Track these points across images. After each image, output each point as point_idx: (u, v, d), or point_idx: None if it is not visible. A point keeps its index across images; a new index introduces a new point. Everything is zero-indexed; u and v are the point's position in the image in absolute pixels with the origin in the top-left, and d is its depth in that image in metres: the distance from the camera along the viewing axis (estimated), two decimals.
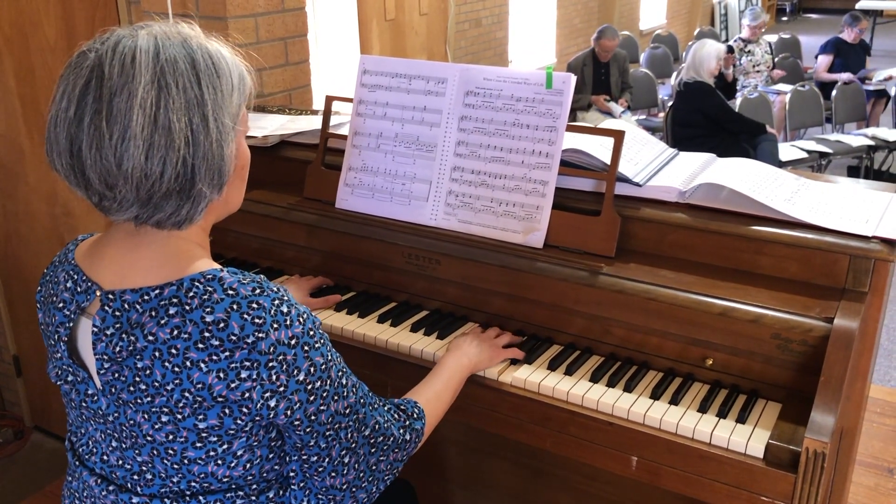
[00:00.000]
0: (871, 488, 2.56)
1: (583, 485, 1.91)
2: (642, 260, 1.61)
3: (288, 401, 1.06)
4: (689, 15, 12.78)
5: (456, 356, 1.53)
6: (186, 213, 1.06)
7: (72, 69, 1.02)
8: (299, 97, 2.59)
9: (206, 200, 1.06)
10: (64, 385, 1.17)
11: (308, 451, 1.13)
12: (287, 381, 1.05)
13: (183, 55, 1.03)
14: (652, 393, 1.47)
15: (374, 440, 1.21)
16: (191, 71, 1.02)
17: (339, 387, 1.13)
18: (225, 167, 1.06)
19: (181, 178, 1.02)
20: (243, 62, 1.12)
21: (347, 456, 1.17)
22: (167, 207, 1.04)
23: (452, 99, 1.78)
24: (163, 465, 1.10)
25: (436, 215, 1.78)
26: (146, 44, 1.02)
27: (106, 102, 0.99)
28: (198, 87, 1.02)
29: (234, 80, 1.08)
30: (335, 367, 1.13)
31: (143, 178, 1.00)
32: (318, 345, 1.10)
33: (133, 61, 1.00)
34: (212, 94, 1.03)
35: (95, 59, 1.01)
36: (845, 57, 7.30)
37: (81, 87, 1.00)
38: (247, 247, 2.02)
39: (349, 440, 1.16)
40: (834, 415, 1.28)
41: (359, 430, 1.17)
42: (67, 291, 1.13)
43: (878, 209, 1.55)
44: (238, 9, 2.29)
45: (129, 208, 1.03)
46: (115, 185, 1.00)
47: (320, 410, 1.10)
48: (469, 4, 7.09)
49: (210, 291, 1.04)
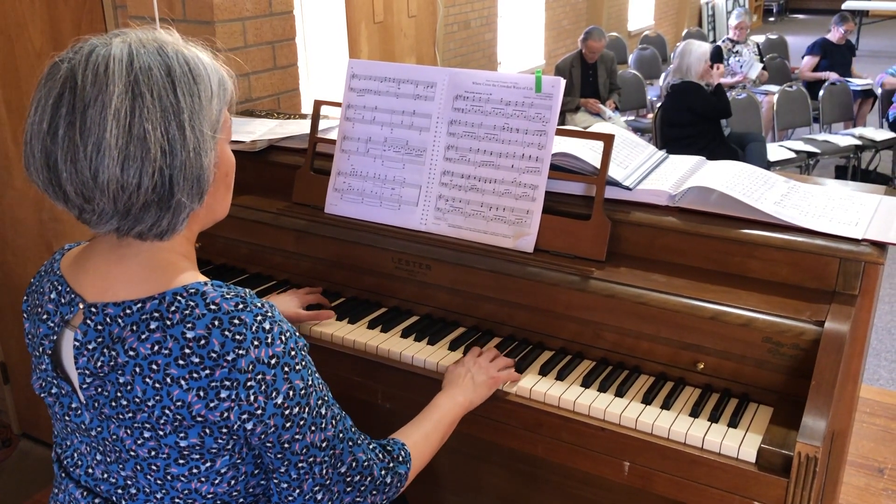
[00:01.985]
0: (862, 488, 2.56)
1: (576, 490, 1.90)
2: (633, 264, 1.61)
3: (264, 425, 1.03)
4: (677, 16, 12.82)
5: (450, 395, 1.44)
6: (168, 224, 1.04)
7: (45, 80, 1.00)
8: (287, 101, 2.58)
9: (186, 210, 1.04)
10: (48, 397, 1.15)
11: (279, 476, 1.09)
12: (265, 403, 1.02)
13: (158, 63, 1.00)
14: (644, 397, 1.47)
15: (351, 479, 1.14)
16: (166, 79, 1.00)
17: (317, 416, 1.08)
18: (204, 176, 1.04)
19: (159, 189, 0.99)
20: (223, 67, 1.10)
21: (321, 493, 1.11)
22: (147, 219, 1.02)
23: (442, 103, 1.77)
24: (146, 481, 1.08)
25: (426, 220, 1.77)
26: (120, 52, 0.99)
27: (80, 114, 0.97)
28: (174, 94, 1.00)
29: (214, 87, 1.05)
30: (315, 393, 1.09)
31: (120, 189, 0.98)
32: (300, 367, 1.06)
33: (106, 71, 0.97)
34: (189, 102, 1.01)
35: (68, 69, 0.99)
36: (831, 57, 7.37)
37: (55, 98, 0.98)
38: (235, 253, 2.00)
39: (323, 476, 1.11)
40: (825, 419, 1.28)
41: (334, 466, 1.12)
42: (52, 303, 1.11)
43: (868, 211, 1.56)
44: (225, 13, 2.27)
45: (108, 220, 1.02)
46: (92, 197, 0.99)
47: (294, 439, 1.06)
48: (458, 7, 7.09)
49: (192, 306, 1.02)
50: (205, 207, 1.09)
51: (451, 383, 1.48)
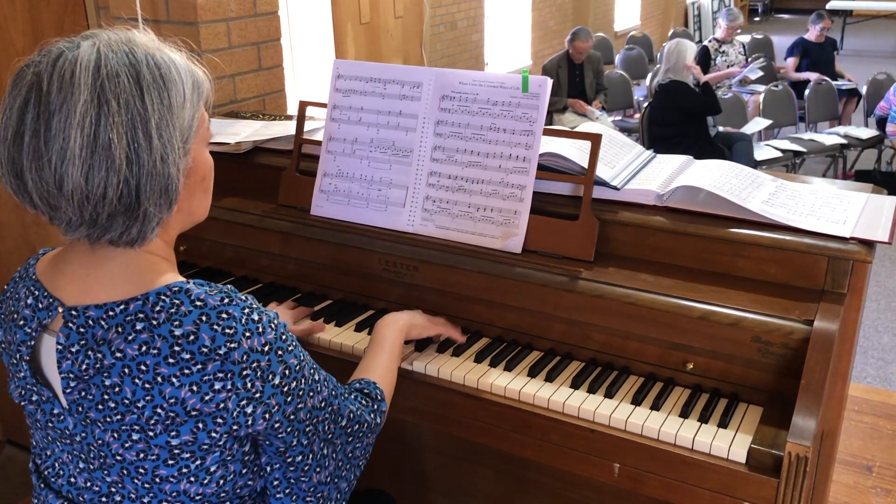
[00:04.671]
0: (851, 486, 2.57)
1: (565, 492, 1.89)
2: (621, 264, 1.60)
3: (265, 405, 1.05)
4: (663, 16, 12.86)
5: (390, 323, 1.53)
6: (137, 233, 1.02)
7: (12, 86, 0.99)
8: (273, 102, 2.56)
9: (155, 220, 1.02)
10: (28, 405, 1.13)
11: (292, 451, 1.12)
12: (263, 386, 1.04)
13: (126, 68, 0.98)
14: (633, 398, 1.46)
15: (350, 429, 1.22)
16: (134, 85, 0.97)
17: (312, 383, 1.13)
18: (172, 185, 1.01)
19: (125, 199, 0.98)
20: (199, 67, 1.08)
21: (326, 448, 1.17)
22: (115, 227, 1.01)
23: (428, 103, 1.76)
24: (133, 485, 1.07)
25: (413, 221, 1.76)
26: (87, 57, 0.97)
27: (45, 122, 0.95)
28: (141, 101, 0.97)
29: (187, 90, 1.03)
30: (307, 365, 1.13)
31: (85, 199, 0.96)
32: (291, 347, 1.09)
33: (72, 77, 0.96)
34: (157, 108, 0.98)
35: (34, 76, 0.97)
36: (812, 56, 7.43)
37: (20, 105, 0.97)
38: (220, 256, 1.98)
39: (327, 432, 1.17)
40: (815, 418, 1.27)
41: (335, 420, 1.18)
42: (28, 308, 1.10)
43: (855, 210, 1.55)
44: (209, 13, 2.25)
45: (77, 228, 1.01)
46: (58, 206, 0.98)
47: (298, 409, 1.10)
48: (444, 7, 7.08)
49: (177, 304, 1.02)
50: (182, 212, 1.09)
51: (389, 317, 1.56)
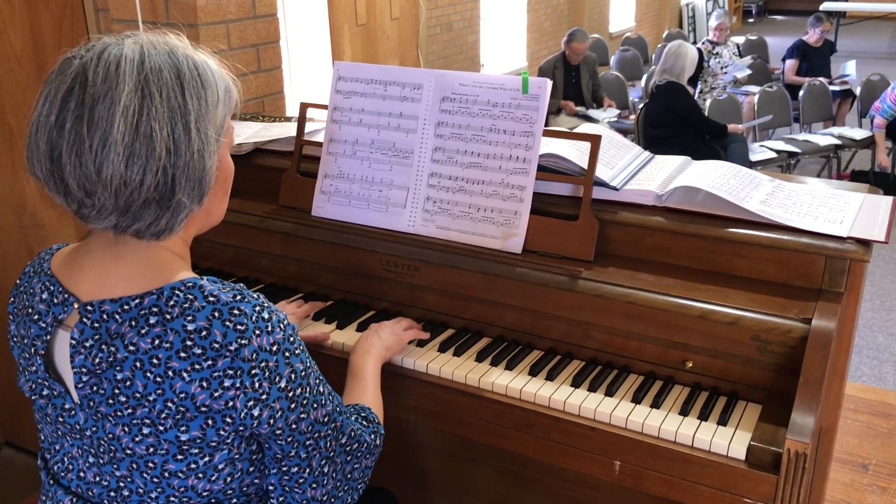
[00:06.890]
0: (847, 484, 2.58)
1: (566, 490, 1.91)
2: (621, 264, 1.62)
3: (270, 409, 1.06)
4: (658, 17, 12.90)
5: (365, 354, 1.53)
6: (166, 224, 1.05)
7: (55, 75, 1.02)
8: (272, 104, 2.56)
9: (185, 211, 1.06)
10: (39, 400, 1.14)
11: (289, 461, 1.12)
12: (269, 388, 1.05)
13: (168, 65, 1.03)
14: (633, 397, 1.47)
15: (350, 448, 1.22)
16: (175, 81, 1.02)
17: (317, 394, 1.14)
18: (206, 178, 1.06)
19: (161, 187, 1.01)
20: (230, 75, 1.13)
21: (327, 465, 1.17)
22: (146, 216, 1.03)
23: (428, 105, 1.77)
24: (142, 480, 1.08)
25: (413, 222, 1.77)
26: (132, 52, 1.02)
27: (88, 109, 0.98)
28: (182, 96, 1.02)
29: (220, 92, 1.08)
30: (313, 373, 1.14)
31: (123, 185, 0.99)
32: (298, 351, 1.10)
33: (117, 69, 1.00)
34: (195, 105, 1.03)
35: (79, 65, 1.01)
36: (810, 59, 7.44)
37: (64, 93, 1.00)
38: (222, 256, 1.99)
39: (328, 449, 1.17)
40: (814, 415, 1.29)
41: (336, 438, 1.18)
42: (43, 303, 1.11)
43: (852, 209, 1.57)
44: (209, 15, 2.26)
45: (108, 216, 1.02)
46: (94, 192, 1.00)
47: (301, 419, 1.10)
48: (440, 9, 7.09)
49: (191, 299, 1.04)
50: (203, 211, 1.11)
51: (363, 348, 1.55)
